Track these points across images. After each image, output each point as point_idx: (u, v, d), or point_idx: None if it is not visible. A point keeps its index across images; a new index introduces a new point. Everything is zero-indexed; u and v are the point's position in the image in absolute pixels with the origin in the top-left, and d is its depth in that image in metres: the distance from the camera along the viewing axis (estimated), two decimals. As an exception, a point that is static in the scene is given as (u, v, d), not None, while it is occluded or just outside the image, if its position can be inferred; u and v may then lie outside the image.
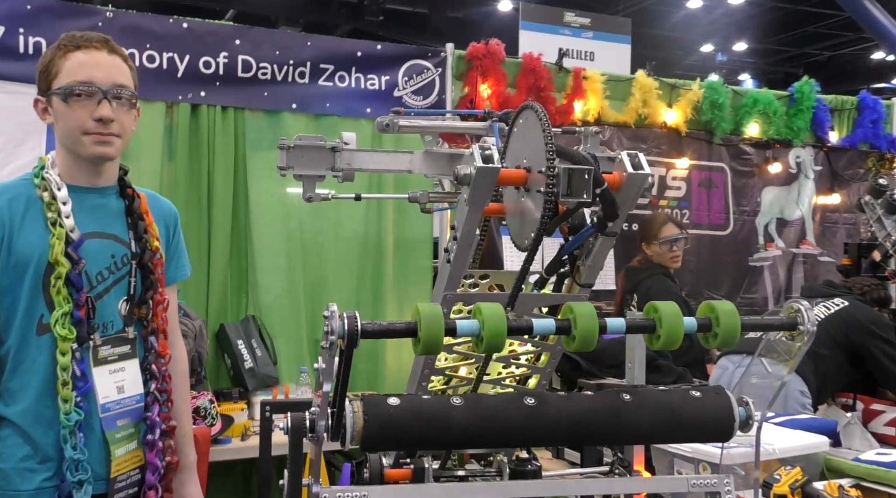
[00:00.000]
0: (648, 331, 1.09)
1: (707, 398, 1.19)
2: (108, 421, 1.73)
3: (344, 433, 1.10)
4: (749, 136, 4.91)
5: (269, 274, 3.78)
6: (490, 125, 1.62)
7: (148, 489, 1.79)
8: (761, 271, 4.99)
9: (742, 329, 1.08)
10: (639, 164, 1.19)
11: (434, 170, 1.60)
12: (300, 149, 1.56)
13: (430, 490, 1.27)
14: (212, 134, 3.65)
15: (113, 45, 1.75)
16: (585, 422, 1.14)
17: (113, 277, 1.78)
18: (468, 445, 1.29)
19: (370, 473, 1.43)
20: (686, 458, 2.27)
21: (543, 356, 1.50)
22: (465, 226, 1.22)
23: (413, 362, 1.49)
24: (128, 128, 1.76)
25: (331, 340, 1.00)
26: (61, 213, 1.69)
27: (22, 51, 3.27)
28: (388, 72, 4.02)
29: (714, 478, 1.21)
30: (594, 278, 1.33)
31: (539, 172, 1.11)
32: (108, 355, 1.75)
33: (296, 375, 3.68)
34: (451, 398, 1.15)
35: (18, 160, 3.22)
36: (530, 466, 1.50)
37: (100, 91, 1.68)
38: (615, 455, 1.66)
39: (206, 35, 3.63)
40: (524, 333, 1.07)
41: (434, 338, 1.02)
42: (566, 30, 6.71)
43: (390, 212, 4.03)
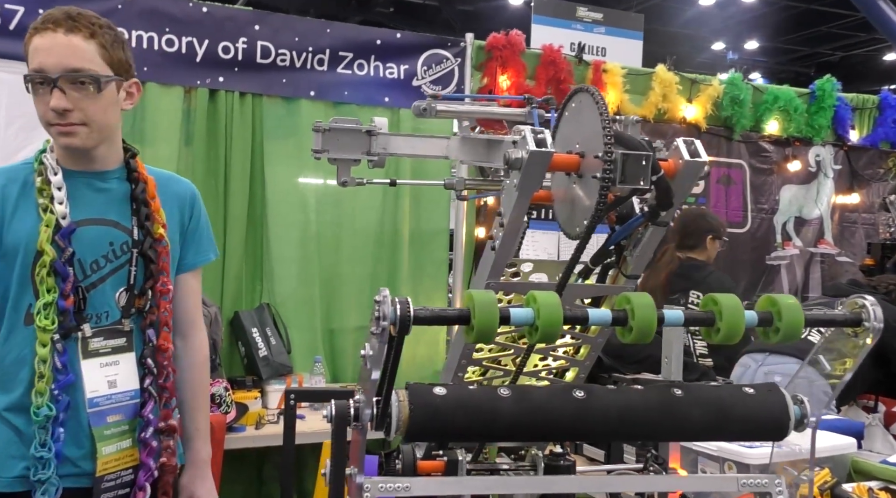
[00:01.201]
0: (707, 324, 1.05)
1: (760, 396, 1.15)
2: (96, 416, 1.64)
3: (389, 423, 1.06)
4: (769, 134, 4.86)
5: (285, 263, 3.75)
6: (529, 111, 1.58)
7: (138, 490, 1.69)
8: (778, 270, 4.94)
9: (805, 324, 1.04)
10: (695, 151, 1.15)
11: (471, 156, 1.56)
12: (336, 132, 1.52)
13: (470, 482, 1.24)
14: (229, 120, 3.62)
15: (76, 22, 1.58)
16: (636, 416, 1.11)
17: (110, 266, 1.69)
18: (515, 438, 1.26)
19: (403, 465, 1.40)
20: (711, 456, 2.23)
21: (583, 349, 1.46)
22: (514, 212, 1.18)
23: (450, 352, 1.45)
24: (95, 114, 1.61)
25: (382, 326, 0.96)
26: (54, 198, 1.61)
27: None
28: (406, 61, 3.99)
29: (765, 478, 1.18)
30: (641, 269, 1.30)
31: (595, 157, 1.08)
32: (100, 348, 1.66)
33: (309, 365, 3.65)
34: (498, 389, 1.11)
35: (34, 144, 3.14)
36: (564, 461, 1.47)
37: (50, 79, 1.55)
38: (649, 452, 1.63)
39: (225, 20, 3.59)
40: (579, 323, 1.03)
41: (488, 326, 0.98)
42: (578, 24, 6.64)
43: (407, 203, 3.99)
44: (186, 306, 1.84)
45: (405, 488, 1.11)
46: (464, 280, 4.10)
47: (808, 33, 14.10)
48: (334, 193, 3.88)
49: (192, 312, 1.87)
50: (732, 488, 1.18)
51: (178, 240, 1.80)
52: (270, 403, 3.46)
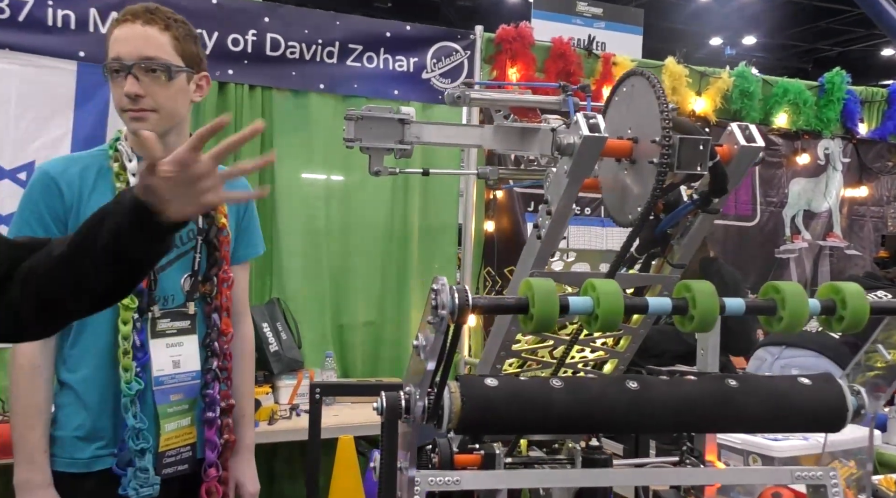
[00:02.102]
0: (769, 312, 1.02)
1: (817, 386, 1.13)
2: (161, 394, 1.73)
3: (441, 415, 1.04)
4: (778, 127, 4.84)
5: (294, 258, 3.73)
6: (564, 99, 1.56)
7: (208, 466, 1.79)
8: (787, 263, 4.93)
9: (871, 313, 1.01)
10: (751, 136, 1.13)
11: (505, 144, 1.53)
12: (368, 120, 1.49)
13: (517, 477, 1.21)
14: (239, 113, 3.58)
15: (154, 15, 1.71)
16: (692, 408, 1.08)
17: (176, 252, 1.77)
18: (568, 430, 1.24)
19: (440, 459, 1.37)
20: (735, 449, 2.21)
21: (623, 340, 1.44)
22: (563, 199, 1.15)
23: (487, 343, 1.43)
24: (165, 101, 1.70)
25: (441, 315, 0.93)
26: (130, 183, 1.70)
27: (50, 23, 3.18)
28: (416, 54, 3.96)
29: (819, 470, 1.15)
30: (689, 258, 1.27)
31: (652, 142, 1.05)
32: (167, 329, 1.75)
33: (320, 360, 3.62)
34: (550, 380, 1.08)
35: (46, 135, 3.14)
36: (600, 455, 1.45)
37: (125, 66, 1.66)
38: (685, 445, 1.60)
39: (235, 12, 3.56)
40: (640, 311, 1.01)
41: (548, 314, 0.95)
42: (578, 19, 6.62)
43: (416, 197, 3.97)
44: (237, 297, 1.93)
45: (455, 482, 1.08)
46: (473, 274, 4.07)
47: (806, 29, 14.10)
48: (343, 187, 3.85)
49: (241, 303, 1.97)
50: (787, 480, 1.16)
51: (233, 232, 1.90)
52: (282, 398, 3.44)
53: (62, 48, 3.18)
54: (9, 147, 3.08)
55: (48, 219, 1.67)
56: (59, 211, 1.68)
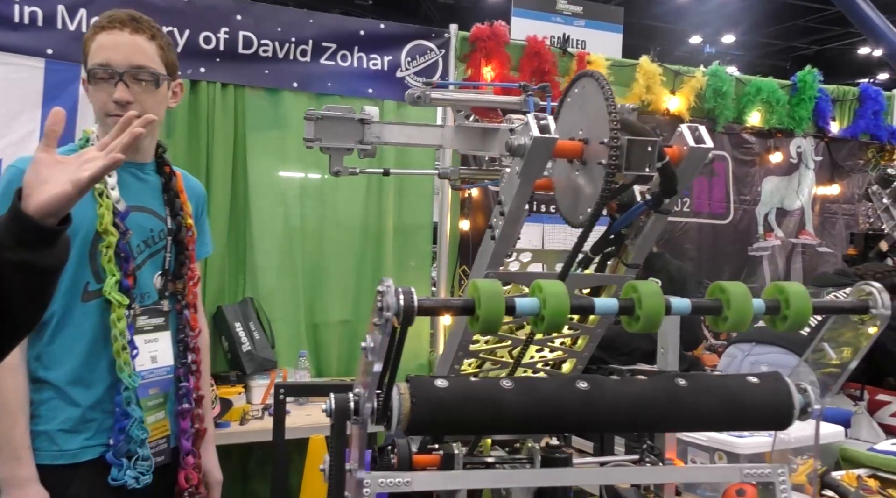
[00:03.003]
0: (715, 312, 1.03)
1: (765, 384, 1.14)
2: (142, 388, 1.79)
3: (390, 416, 1.04)
4: (751, 125, 4.88)
5: (268, 256, 3.71)
6: (525, 99, 1.56)
7: (186, 455, 1.86)
8: (760, 261, 4.97)
9: (813, 312, 1.03)
10: (700, 137, 1.14)
11: (466, 145, 1.54)
12: (329, 120, 1.49)
13: (471, 476, 1.22)
14: (211, 111, 3.56)
15: (140, 24, 1.77)
16: (643, 407, 1.09)
17: (149, 251, 1.83)
18: (519, 430, 1.24)
19: (399, 459, 1.38)
20: (701, 446, 2.23)
21: (581, 340, 1.44)
22: (516, 200, 1.15)
23: (446, 344, 1.43)
24: (151, 107, 1.76)
25: (386, 317, 0.93)
26: (108, 184, 1.73)
27: (17, 20, 3.15)
28: (390, 52, 3.95)
29: (768, 468, 1.16)
30: (642, 258, 1.28)
31: (601, 144, 1.05)
32: (145, 325, 1.81)
33: (294, 360, 3.61)
34: (500, 381, 1.09)
35: (14, 133, 3.12)
36: (560, 454, 1.45)
37: (116, 73, 1.71)
38: (645, 443, 1.62)
39: (206, 9, 3.54)
40: (586, 312, 1.01)
41: (494, 316, 0.96)
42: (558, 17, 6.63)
43: (391, 196, 3.96)
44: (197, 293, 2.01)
45: (406, 483, 1.08)
46: (448, 273, 4.08)
47: (783, 27, 14.23)
48: (318, 186, 3.84)
49: (199, 298, 2.04)
50: (736, 478, 1.17)
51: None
52: (255, 398, 3.43)
53: (30, 45, 3.15)
54: (-26, 146, 3.05)
55: None
56: None
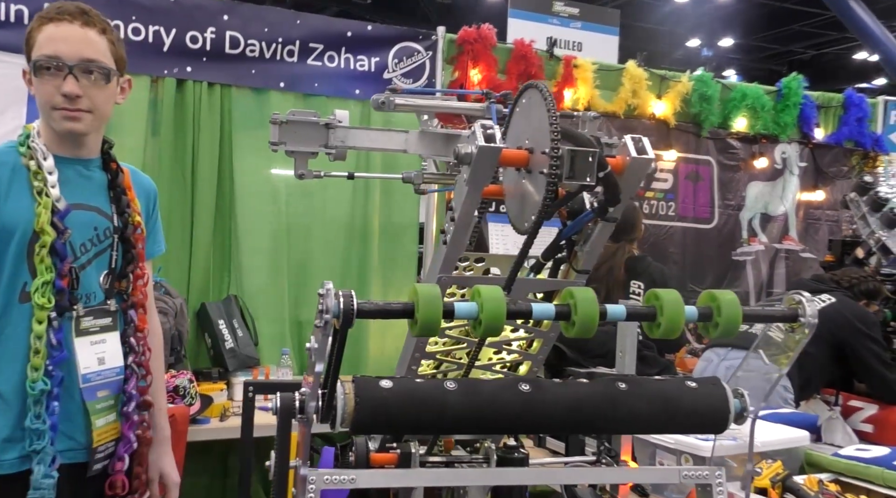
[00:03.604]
0: (649, 319, 1.07)
1: (703, 389, 1.18)
2: (89, 391, 1.73)
3: (334, 415, 1.07)
4: (736, 131, 4.92)
5: (253, 254, 3.74)
6: (488, 106, 1.59)
7: (116, 460, 1.78)
8: (744, 266, 5.02)
9: (743, 320, 1.06)
10: (643, 148, 1.17)
11: (430, 150, 1.57)
12: (293, 124, 1.52)
13: (418, 475, 1.25)
14: (197, 110, 3.58)
15: (90, 17, 1.71)
16: (582, 409, 1.12)
17: (95, 250, 1.77)
18: (462, 431, 1.27)
19: (356, 457, 1.41)
20: (669, 449, 2.27)
21: (536, 343, 1.48)
22: (464, 207, 1.19)
23: (404, 345, 1.46)
24: (100, 103, 1.72)
25: (325, 319, 0.97)
26: (47, 182, 1.67)
27: (3, 18, 3.19)
28: (377, 53, 3.98)
29: (706, 470, 1.20)
30: (591, 264, 1.31)
31: (542, 153, 1.09)
32: (90, 327, 1.75)
33: (277, 357, 3.64)
34: (445, 382, 1.12)
35: (0, 128, 3.14)
36: (518, 454, 1.49)
37: (65, 66, 1.65)
38: (602, 445, 1.65)
39: (193, 9, 3.56)
40: (523, 317, 1.05)
41: (432, 319, 0.99)
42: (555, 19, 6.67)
43: (377, 196, 3.99)
44: (147, 293, 1.93)
45: (351, 480, 1.11)
46: (434, 273, 4.10)
47: (780, 31, 14.25)
48: (304, 185, 3.86)
49: (150, 299, 1.96)
50: (674, 480, 1.20)
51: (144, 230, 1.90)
52: (236, 395, 3.45)
53: (15, 43, 3.16)
54: (-40, 142, 3.07)
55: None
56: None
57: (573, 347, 2.91)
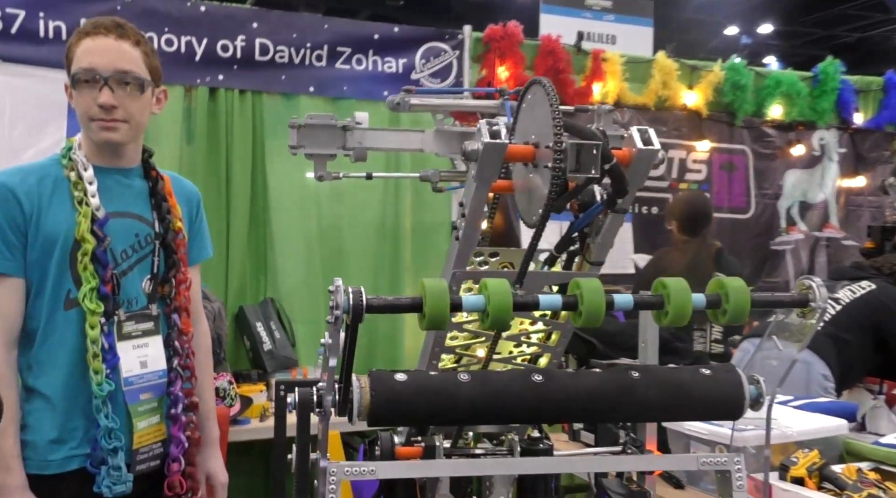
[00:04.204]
0: (656, 307, 1.08)
1: (717, 376, 1.18)
2: (131, 394, 1.79)
3: (351, 408, 1.10)
4: (771, 118, 4.85)
5: (288, 258, 3.81)
6: (502, 103, 1.61)
7: (172, 461, 1.85)
8: (783, 255, 4.94)
9: (752, 306, 1.06)
10: (648, 139, 1.18)
11: (446, 149, 1.60)
12: (311, 128, 1.56)
13: (438, 465, 1.28)
14: (230, 117, 3.67)
15: (125, 30, 1.78)
16: (594, 398, 1.14)
17: (136, 256, 1.84)
18: (475, 422, 1.29)
19: (381, 451, 1.44)
20: (703, 440, 2.26)
21: (554, 335, 1.49)
22: (473, 203, 1.21)
23: (423, 341, 1.49)
24: (136, 113, 1.78)
25: (336, 315, 1.00)
26: (87, 192, 1.75)
27: (42, 35, 3.29)
28: (405, 54, 4.02)
29: (724, 456, 1.20)
30: (604, 256, 1.32)
31: (547, 148, 1.10)
32: (132, 331, 1.81)
33: (314, 358, 3.70)
34: (458, 374, 1.14)
35: (40, 143, 3.26)
36: (542, 445, 1.50)
37: (101, 78, 1.72)
38: (628, 435, 1.66)
39: (223, 18, 3.64)
40: (530, 308, 1.06)
41: (439, 313, 1.01)
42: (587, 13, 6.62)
43: (408, 196, 4.03)
44: (192, 297, 1.99)
45: (371, 472, 1.14)
46: (467, 271, 4.12)
47: (822, 15, 13.91)
48: (336, 188, 3.91)
49: (196, 303, 2.03)
50: (692, 467, 1.21)
51: (186, 235, 1.96)
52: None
53: (54, 58, 3.27)
54: (4, 156, 3.19)
55: (7, 230, 1.72)
56: (18, 222, 1.72)
57: (604, 341, 2.91)
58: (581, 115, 1.73)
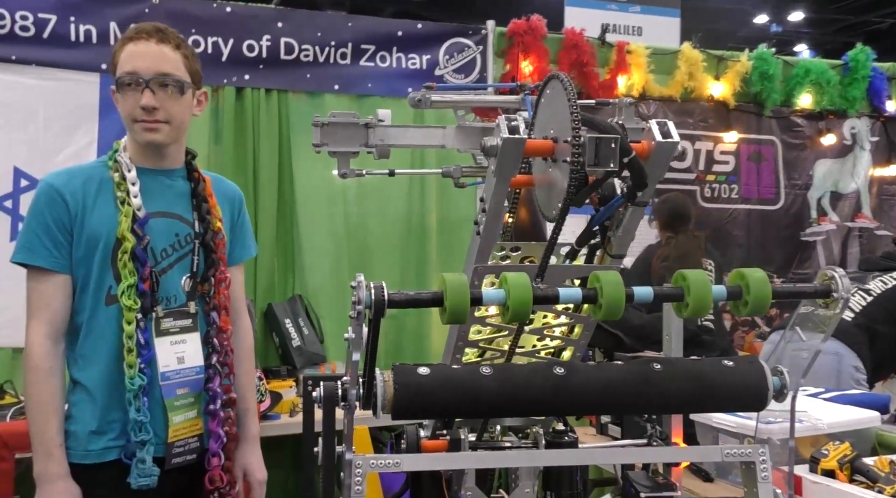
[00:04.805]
0: (676, 299, 1.08)
1: (739, 367, 1.18)
2: (168, 389, 1.83)
3: (375, 402, 1.12)
4: (801, 108, 4.78)
5: (315, 255, 3.85)
6: (522, 98, 1.62)
7: (211, 456, 1.89)
8: (814, 246, 4.87)
9: (773, 297, 1.06)
10: (668, 132, 1.18)
11: (466, 144, 1.61)
12: (334, 126, 1.58)
13: (462, 457, 1.29)
14: (256, 117, 3.72)
15: (166, 34, 1.84)
16: (615, 390, 1.14)
17: (176, 255, 1.88)
18: (498, 414, 1.30)
19: (407, 444, 1.46)
20: (731, 433, 2.25)
21: (577, 328, 1.49)
22: (493, 198, 1.22)
23: (447, 335, 1.50)
24: (176, 114, 1.84)
25: (358, 310, 1.02)
26: (130, 192, 1.81)
27: (73, 39, 3.37)
28: (428, 51, 4.04)
29: (749, 448, 1.20)
30: (625, 249, 1.32)
31: (565, 142, 1.11)
32: (170, 327, 1.85)
33: (342, 353, 3.73)
34: (480, 368, 1.16)
35: (73, 145, 3.33)
36: (566, 438, 1.51)
37: (143, 80, 1.78)
38: (653, 428, 1.66)
39: (248, 18, 3.69)
40: (550, 302, 1.07)
41: (460, 307, 1.03)
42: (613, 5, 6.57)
43: (433, 192, 4.05)
44: (234, 296, 2.03)
45: (395, 464, 1.16)
46: (493, 266, 4.13)
47: (854, 1, 13.64)
48: (362, 184, 3.95)
49: (239, 301, 2.07)
50: (716, 458, 1.21)
51: (228, 235, 2.00)
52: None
53: (85, 61, 3.36)
54: (38, 158, 3.27)
55: (55, 229, 1.79)
56: (64, 221, 1.79)
57: (631, 335, 2.91)
58: (603, 109, 1.73)
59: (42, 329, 1.77)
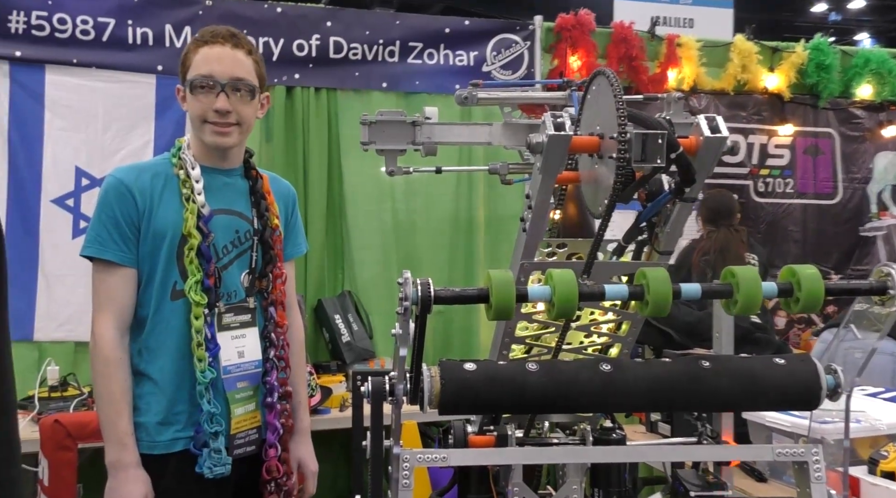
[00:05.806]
0: (725, 296, 1.07)
1: (792, 366, 1.16)
2: (229, 382, 1.88)
3: (422, 397, 1.14)
4: (860, 99, 4.63)
5: (364, 251, 3.89)
6: (569, 94, 1.61)
7: (269, 447, 1.94)
8: (874, 241, 4.72)
9: (826, 294, 1.04)
10: (716, 127, 1.16)
11: (513, 141, 1.61)
12: (381, 124, 1.60)
13: (508, 453, 1.30)
14: (306, 115, 3.77)
15: (239, 39, 1.89)
16: (663, 387, 1.14)
17: (236, 251, 1.93)
18: (543, 410, 1.31)
19: (454, 439, 1.47)
20: (786, 432, 2.21)
21: (624, 325, 1.49)
22: (539, 194, 1.22)
23: (494, 332, 1.51)
24: (247, 117, 1.89)
25: (405, 306, 1.03)
26: (194, 190, 1.85)
27: (131, 41, 3.46)
28: (476, 47, 4.03)
29: (801, 447, 1.18)
30: (673, 245, 1.31)
31: (611, 138, 1.11)
32: (231, 322, 1.90)
33: (391, 349, 3.76)
34: (526, 364, 1.16)
35: (130, 145, 3.43)
36: (614, 435, 1.50)
37: (218, 84, 1.83)
38: (703, 426, 1.64)
39: (298, 18, 3.74)
40: (595, 298, 1.07)
41: (505, 303, 1.03)
42: (663, -3, 6.46)
43: (481, 188, 4.05)
44: (286, 292, 2.07)
45: (442, 459, 1.18)
46: (542, 262, 4.12)
47: (920, -15, 13.15)
48: (410, 181, 3.97)
49: (290, 297, 2.11)
50: (768, 457, 1.19)
51: (282, 232, 2.05)
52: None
53: (142, 63, 3.45)
54: (97, 158, 3.38)
55: (123, 224, 1.84)
56: (133, 216, 1.85)
57: (682, 332, 2.87)
58: (651, 104, 1.71)
59: (110, 321, 1.83)
